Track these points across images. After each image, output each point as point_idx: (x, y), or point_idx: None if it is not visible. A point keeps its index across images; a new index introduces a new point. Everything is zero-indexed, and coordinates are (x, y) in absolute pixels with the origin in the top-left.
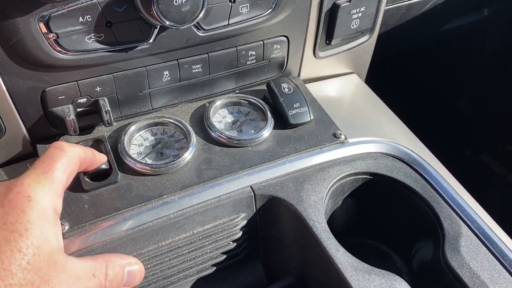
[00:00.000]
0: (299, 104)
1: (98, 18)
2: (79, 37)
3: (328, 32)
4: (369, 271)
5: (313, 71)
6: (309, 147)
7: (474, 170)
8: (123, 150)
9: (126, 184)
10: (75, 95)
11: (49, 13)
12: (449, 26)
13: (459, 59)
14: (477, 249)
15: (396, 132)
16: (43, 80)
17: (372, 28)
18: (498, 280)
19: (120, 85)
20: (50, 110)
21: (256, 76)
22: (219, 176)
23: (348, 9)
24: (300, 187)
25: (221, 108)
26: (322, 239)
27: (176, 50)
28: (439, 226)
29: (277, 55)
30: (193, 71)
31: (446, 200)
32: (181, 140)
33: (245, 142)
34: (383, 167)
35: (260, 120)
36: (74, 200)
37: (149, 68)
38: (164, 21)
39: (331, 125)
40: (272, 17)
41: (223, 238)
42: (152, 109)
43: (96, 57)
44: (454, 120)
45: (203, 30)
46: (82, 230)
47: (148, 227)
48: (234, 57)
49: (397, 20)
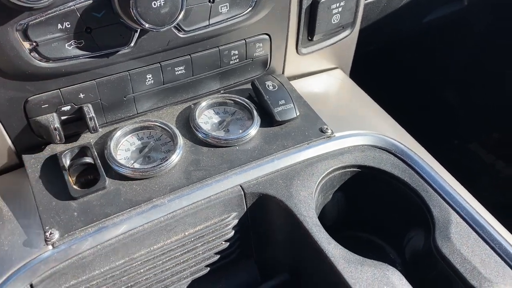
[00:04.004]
0: (284, 101)
1: (77, 25)
2: (59, 44)
3: (309, 28)
4: (361, 263)
5: (297, 68)
6: (296, 143)
7: (463, 159)
8: (110, 156)
9: (115, 189)
10: (58, 103)
11: (27, 21)
12: (431, 17)
13: (443, 49)
14: (467, 235)
15: (382, 124)
16: (25, 89)
17: (353, 23)
18: (489, 264)
19: (103, 90)
20: (34, 120)
21: (240, 76)
22: (208, 177)
23: (328, 4)
24: (289, 183)
25: (207, 109)
26: (314, 233)
27: (158, 52)
28: (429, 214)
29: (260, 54)
30: (176, 73)
31: (435, 188)
32: (168, 143)
33: (232, 141)
34: (370, 159)
35: (247, 119)
36: (63, 208)
37: (132, 72)
38: (144, 24)
39: (317, 120)
40: (252, 16)
41: (215, 239)
42: (137, 113)
43: (78, 64)
44: (441, 110)
45: (183, 32)
46: (72, 238)
47: (139, 231)
48: (217, 57)
49: (378, 14)
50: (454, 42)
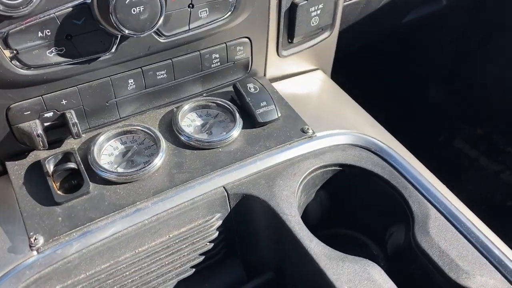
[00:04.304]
0: (266, 103)
1: (58, 32)
2: (39, 51)
3: (289, 31)
4: (342, 259)
5: (278, 70)
6: (278, 144)
7: (448, 155)
8: (93, 161)
9: (99, 194)
10: (41, 109)
11: (7, 30)
12: (410, 17)
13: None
14: (445, 229)
15: (362, 123)
16: (6, 97)
17: (332, 24)
18: (466, 256)
19: (85, 96)
20: (16, 127)
21: (222, 79)
22: (191, 179)
23: (306, 7)
24: (272, 183)
25: (189, 112)
26: (296, 231)
27: (139, 58)
28: (408, 210)
29: (241, 57)
30: (158, 78)
31: (414, 185)
32: (151, 146)
33: (215, 143)
34: (351, 158)
35: (229, 121)
36: (47, 213)
37: (114, 78)
38: (124, 30)
39: (299, 121)
40: (232, 20)
41: (200, 240)
42: (120, 118)
43: (59, 71)
44: (425, 108)
45: (164, 37)
46: (57, 243)
47: (123, 234)
48: (198, 61)
49: (357, 15)
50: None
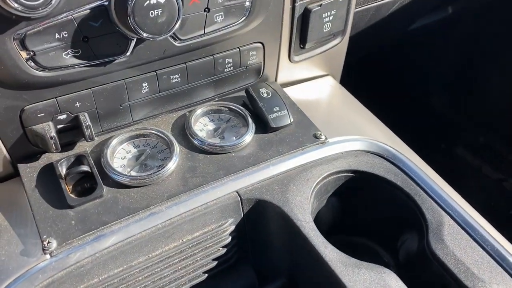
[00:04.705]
0: (278, 108)
1: (75, 34)
2: (56, 53)
3: (301, 36)
4: (358, 265)
5: (290, 75)
6: (291, 149)
7: (450, 163)
8: (106, 164)
9: (112, 197)
10: (54, 112)
11: (25, 31)
12: (417, 25)
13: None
14: (460, 237)
15: (373, 130)
16: (21, 98)
17: (344, 30)
18: (481, 265)
19: (99, 99)
20: (30, 129)
21: (234, 83)
22: (204, 184)
23: (319, 13)
24: (285, 188)
25: (202, 116)
26: (310, 237)
27: (154, 61)
28: (422, 217)
29: (253, 61)
30: (172, 81)
31: (427, 192)
32: (164, 150)
33: (228, 148)
34: (363, 164)
35: (241, 126)
36: (60, 217)
37: (128, 81)
38: (141, 33)
39: (311, 126)
40: (246, 25)
41: (213, 245)
42: (133, 121)
43: (74, 73)
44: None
45: (179, 40)
46: (70, 247)
47: (137, 239)
48: (211, 65)
49: (366, 22)
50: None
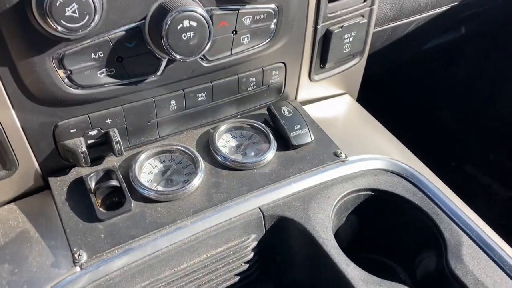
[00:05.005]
0: (299, 126)
1: (110, 54)
2: (91, 72)
3: (322, 57)
4: (380, 284)
5: (309, 93)
6: (312, 167)
7: (460, 180)
8: (134, 179)
9: (140, 211)
10: (86, 127)
11: (63, 51)
12: (431, 44)
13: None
14: (479, 257)
15: (391, 148)
16: (55, 115)
17: (363, 51)
18: (500, 285)
19: (129, 116)
20: (62, 144)
21: (256, 101)
22: (228, 199)
23: (340, 35)
24: (306, 206)
25: (225, 133)
26: (333, 255)
27: (182, 80)
28: (441, 236)
29: (275, 80)
30: (198, 99)
31: (445, 211)
32: (189, 166)
33: (251, 165)
34: (383, 183)
35: (263, 143)
36: (90, 230)
37: (157, 99)
38: (174, 54)
39: (331, 145)
40: (270, 46)
41: (236, 260)
42: (159, 137)
43: (107, 91)
44: (437, 132)
45: (207, 61)
46: (100, 260)
47: (163, 253)
48: (235, 84)
49: (383, 42)
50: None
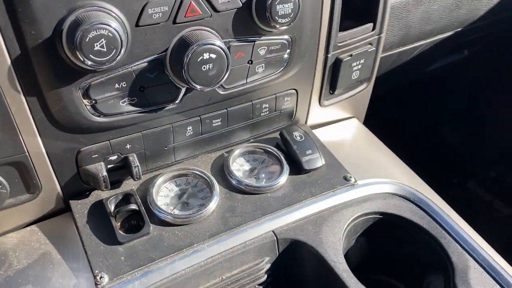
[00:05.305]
0: (311, 151)
1: (133, 84)
2: (114, 101)
3: (332, 83)
4: None
5: (318, 118)
6: (323, 191)
7: (462, 197)
8: (152, 202)
9: (158, 235)
10: (107, 153)
11: (89, 82)
12: (434, 66)
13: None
14: (485, 281)
15: (399, 172)
16: (78, 141)
17: (370, 77)
18: None
19: (148, 141)
20: (83, 168)
21: (268, 126)
22: (243, 223)
23: (349, 63)
24: (318, 229)
25: (238, 157)
26: (344, 278)
27: (199, 107)
28: (448, 260)
29: (287, 106)
30: (213, 125)
31: (452, 235)
32: (204, 189)
33: (264, 189)
34: (391, 207)
35: (275, 167)
36: (111, 252)
37: (175, 125)
38: (194, 85)
39: (341, 169)
40: (284, 74)
41: (250, 282)
42: (175, 161)
43: (128, 119)
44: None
45: (223, 89)
46: (120, 282)
47: (181, 275)
48: (249, 110)
49: (388, 66)
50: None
